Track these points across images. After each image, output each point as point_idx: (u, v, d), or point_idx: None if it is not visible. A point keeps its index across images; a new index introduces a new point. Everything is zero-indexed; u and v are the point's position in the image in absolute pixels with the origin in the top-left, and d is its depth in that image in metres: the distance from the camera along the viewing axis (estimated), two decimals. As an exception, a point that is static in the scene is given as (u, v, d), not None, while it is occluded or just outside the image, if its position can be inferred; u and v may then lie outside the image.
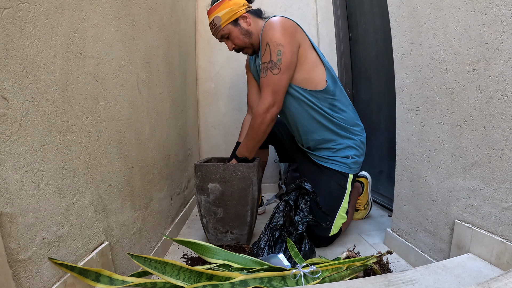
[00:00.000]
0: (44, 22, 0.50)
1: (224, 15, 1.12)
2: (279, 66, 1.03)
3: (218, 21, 1.12)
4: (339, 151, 1.16)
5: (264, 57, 1.05)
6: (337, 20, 1.89)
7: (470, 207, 0.72)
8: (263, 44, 1.05)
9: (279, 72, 1.03)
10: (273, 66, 1.03)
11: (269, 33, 1.03)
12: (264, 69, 1.05)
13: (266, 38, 1.04)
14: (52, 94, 0.52)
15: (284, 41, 1.03)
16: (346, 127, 1.15)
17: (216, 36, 1.18)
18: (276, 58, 1.03)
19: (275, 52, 1.02)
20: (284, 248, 0.94)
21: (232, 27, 1.13)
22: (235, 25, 1.13)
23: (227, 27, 1.13)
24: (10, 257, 0.43)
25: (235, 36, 1.14)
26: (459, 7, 0.70)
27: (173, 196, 1.24)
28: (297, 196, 1.05)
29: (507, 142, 0.61)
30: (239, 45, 1.16)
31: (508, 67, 0.59)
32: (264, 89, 1.06)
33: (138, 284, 0.59)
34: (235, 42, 1.15)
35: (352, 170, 1.16)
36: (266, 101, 1.05)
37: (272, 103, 1.05)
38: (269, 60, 1.04)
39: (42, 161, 0.49)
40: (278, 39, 1.02)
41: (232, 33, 1.14)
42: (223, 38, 1.16)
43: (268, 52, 1.04)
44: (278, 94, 1.06)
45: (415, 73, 0.89)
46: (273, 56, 1.03)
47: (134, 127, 0.85)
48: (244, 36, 1.14)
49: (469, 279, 0.60)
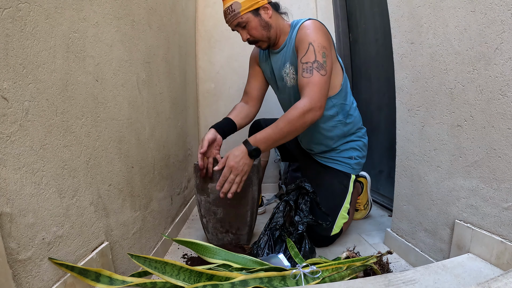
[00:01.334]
0: (44, 22, 0.50)
1: (245, 2, 1.02)
2: (325, 67, 0.97)
3: (238, 7, 1.01)
4: (343, 152, 1.17)
5: (307, 56, 0.97)
6: (337, 20, 1.88)
7: (470, 207, 0.72)
8: (304, 44, 0.99)
9: (326, 74, 0.97)
10: (320, 67, 0.96)
11: (312, 34, 0.99)
12: (307, 69, 0.97)
13: (308, 39, 0.98)
14: (52, 94, 0.52)
15: (328, 45, 0.99)
16: (351, 130, 1.17)
17: (231, 24, 1.07)
18: (322, 60, 0.97)
19: (320, 54, 0.97)
20: (284, 248, 0.94)
21: (252, 16, 1.04)
22: (255, 14, 1.04)
23: (247, 15, 1.03)
24: (10, 257, 0.43)
25: (254, 26, 1.05)
26: (459, 7, 0.70)
27: (173, 196, 1.24)
28: (297, 196, 1.05)
29: (507, 142, 0.61)
30: (256, 37, 1.07)
31: (508, 67, 0.59)
32: (313, 89, 0.94)
33: (138, 284, 0.59)
34: (252, 32, 1.06)
35: (354, 171, 1.17)
36: (314, 101, 0.93)
37: (320, 105, 0.94)
38: (314, 60, 0.96)
39: (42, 161, 0.49)
40: (323, 41, 0.98)
41: (250, 23, 1.04)
42: (239, 26, 1.06)
43: (312, 52, 0.97)
44: (324, 98, 0.96)
45: (415, 73, 0.89)
46: (318, 56, 0.97)
47: (134, 127, 0.85)
48: (263, 28, 1.06)
49: (469, 279, 0.60)
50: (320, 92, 0.95)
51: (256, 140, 0.95)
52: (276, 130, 0.94)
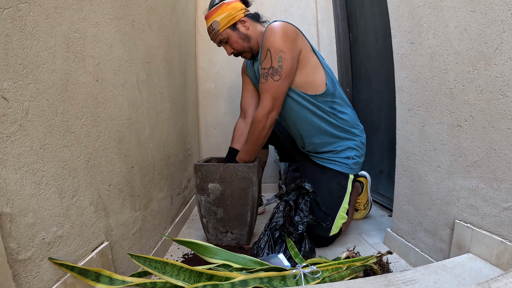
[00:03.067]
0: (44, 22, 0.50)
1: (222, 20, 1.11)
2: (280, 72, 1.03)
3: (216, 26, 1.12)
4: (340, 152, 1.17)
5: (265, 62, 1.05)
6: (337, 20, 1.89)
7: (470, 207, 0.72)
8: (264, 50, 1.05)
9: (280, 78, 1.04)
10: (274, 73, 1.03)
11: (270, 39, 1.03)
12: (264, 75, 1.05)
13: (267, 44, 1.04)
14: (52, 94, 0.52)
15: (285, 48, 1.03)
16: (346, 129, 1.16)
17: (215, 41, 1.18)
18: (277, 65, 1.03)
19: (276, 59, 1.03)
20: (284, 248, 0.94)
21: (231, 31, 1.13)
22: (233, 29, 1.13)
23: (226, 31, 1.13)
24: (10, 257, 0.43)
25: (234, 40, 1.14)
26: (459, 7, 0.70)
27: (173, 196, 1.24)
28: (297, 196, 1.05)
29: (507, 142, 0.61)
30: (238, 50, 1.16)
31: (508, 67, 0.59)
32: (264, 95, 1.06)
33: (138, 284, 0.59)
34: (233, 46, 1.15)
35: (353, 171, 1.17)
36: (266, 106, 1.06)
37: (271, 108, 1.06)
38: (269, 66, 1.04)
39: (42, 161, 0.49)
40: (280, 45, 1.02)
41: (230, 38, 1.14)
42: (222, 42, 1.16)
43: (269, 58, 1.04)
44: (278, 100, 1.07)
45: (415, 73, 0.89)
46: (274, 62, 1.03)
47: (134, 127, 0.85)
48: (242, 40, 1.14)
49: (469, 279, 0.60)
50: (272, 95, 1.06)
51: (240, 158, 1.15)
52: (249, 144, 1.12)
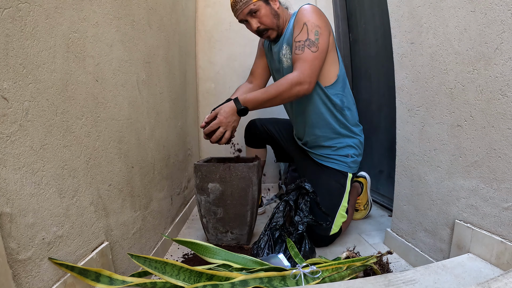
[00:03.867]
0: (44, 22, 0.50)
1: None
2: (317, 44, 1.00)
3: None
4: (339, 150, 1.17)
5: (301, 35, 1.02)
6: (337, 20, 1.89)
7: (470, 207, 0.72)
8: (299, 24, 1.03)
9: (317, 50, 1.00)
10: (311, 44, 1.00)
11: (308, 15, 1.03)
12: (300, 47, 1.01)
13: (304, 19, 1.03)
14: (52, 94, 0.52)
15: (321, 24, 1.03)
16: (348, 126, 1.16)
17: (242, 12, 1.09)
18: (314, 37, 1.01)
19: (313, 32, 1.01)
20: (284, 248, 0.94)
21: (263, 4, 1.08)
22: (266, 3, 1.09)
23: (258, 3, 1.07)
24: (10, 257, 0.43)
25: (265, 13, 1.08)
26: (459, 7, 0.70)
27: (173, 196, 1.24)
28: (297, 196, 1.05)
29: (507, 142, 0.61)
30: (267, 25, 1.10)
31: (508, 67, 0.59)
32: (303, 64, 0.99)
33: (138, 284, 0.59)
34: (263, 20, 1.09)
35: (351, 169, 1.17)
36: (303, 75, 0.98)
37: (308, 79, 0.99)
38: (306, 38, 1.01)
39: (42, 161, 0.49)
40: (317, 21, 1.02)
41: (261, 10, 1.08)
42: (249, 14, 1.08)
43: (305, 31, 1.01)
44: (314, 74, 1.01)
45: (415, 73, 0.89)
46: (311, 35, 1.01)
47: (134, 127, 0.85)
48: (273, 16, 1.10)
49: (469, 279, 0.60)
50: (310, 68, 0.99)
51: (245, 99, 1.02)
52: (264, 92, 1.02)
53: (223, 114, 1.01)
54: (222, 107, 1.02)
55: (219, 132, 1.01)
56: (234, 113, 1.02)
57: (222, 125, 1.01)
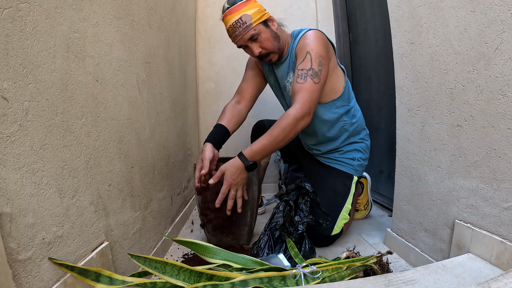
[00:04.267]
0: (44, 22, 0.50)
1: (254, 14, 1.01)
2: (320, 76, 0.99)
3: (248, 19, 1.00)
4: (347, 153, 1.19)
5: (304, 64, 1.00)
6: (337, 20, 1.88)
7: (470, 207, 0.72)
8: (303, 52, 1.01)
9: (319, 82, 0.99)
10: (314, 75, 0.98)
11: (311, 43, 1.01)
12: (303, 75, 0.99)
13: (307, 48, 1.01)
14: (52, 94, 0.52)
15: (324, 54, 1.01)
16: (355, 132, 1.20)
17: (242, 38, 1.03)
18: (317, 68, 0.99)
19: (317, 62, 0.99)
20: (284, 248, 0.94)
21: (263, 27, 1.03)
22: (266, 26, 1.04)
23: (259, 26, 1.02)
24: (10, 257, 0.43)
25: (266, 37, 1.03)
26: (459, 7, 0.70)
27: (173, 196, 1.24)
28: (297, 196, 1.05)
29: (507, 142, 0.61)
30: (269, 49, 1.05)
31: (508, 67, 0.59)
32: (304, 96, 0.97)
33: (138, 284, 0.59)
34: (264, 44, 1.04)
35: (357, 172, 1.19)
36: (305, 107, 0.95)
37: (308, 111, 0.97)
38: (309, 67, 0.99)
39: (42, 161, 0.49)
40: (320, 51, 1.01)
41: (262, 34, 1.03)
42: (251, 40, 1.03)
43: (309, 60, 1.00)
44: (314, 105, 0.99)
45: (415, 73, 0.89)
46: (314, 64, 0.99)
47: (134, 127, 0.85)
48: (274, 39, 1.05)
49: (469, 279, 0.60)
50: (311, 98, 0.97)
51: (252, 152, 0.96)
52: (271, 139, 0.96)
53: (230, 176, 0.95)
54: (227, 167, 0.95)
55: (231, 195, 0.97)
56: (242, 171, 0.96)
57: (232, 187, 0.96)
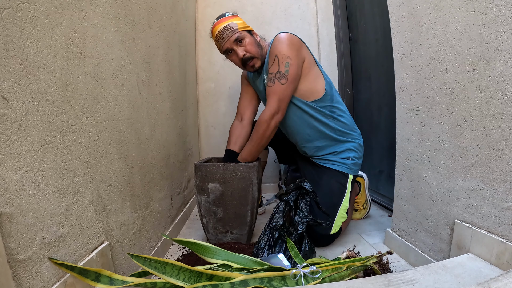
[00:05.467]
0: (44, 22, 0.50)
1: (240, 23, 1.15)
2: (287, 76, 1.08)
3: (235, 25, 1.13)
4: (340, 153, 1.21)
5: (272, 68, 1.10)
6: (337, 20, 1.88)
7: (470, 207, 0.72)
8: (272, 57, 1.11)
9: (286, 82, 1.08)
10: (281, 76, 1.08)
11: (278, 46, 1.09)
12: (271, 79, 1.10)
13: (275, 51, 1.09)
14: (52, 94, 0.52)
15: (292, 55, 1.09)
16: (346, 132, 1.22)
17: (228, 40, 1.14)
18: (284, 69, 1.08)
19: (283, 64, 1.08)
20: (284, 248, 0.94)
21: (248, 34, 1.16)
22: (250, 34, 1.17)
23: (244, 32, 1.15)
24: (10, 257, 0.43)
25: (250, 42, 1.15)
26: (459, 7, 0.70)
27: (173, 196, 1.24)
28: (296, 196, 1.05)
29: (507, 142, 0.61)
30: (252, 53, 1.15)
31: (508, 67, 0.59)
32: (271, 97, 1.10)
33: (138, 284, 0.59)
34: (248, 48, 1.15)
35: (352, 171, 1.20)
36: (272, 108, 1.09)
37: (277, 110, 1.10)
38: (277, 70, 1.09)
39: (42, 161, 0.49)
40: (287, 52, 1.09)
41: (246, 39, 1.15)
42: (236, 42, 1.14)
43: (276, 63, 1.09)
44: (283, 102, 1.11)
45: (415, 73, 0.89)
46: (281, 67, 1.08)
47: (134, 127, 0.85)
48: (257, 46, 1.16)
49: (469, 279, 0.60)
50: (278, 98, 1.09)
51: (243, 157, 1.16)
52: (253, 144, 1.14)
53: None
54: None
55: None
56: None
57: None
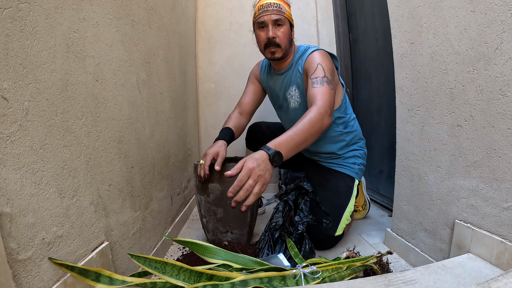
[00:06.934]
0: (44, 22, 0.50)
1: (289, 12, 1.13)
2: (333, 84, 1.05)
3: (284, 9, 1.10)
4: (348, 158, 1.24)
5: (317, 72, 1.05)
6: (337, 20, 1.88)
7: (470, 207, 0.72)
8: (313, 65, 1.07)
9: (333, 89, 1.04)
10: (329, 82, 1.02)
11: (320, 58, 1.08)
12: (318, 81, 1.02)
13: (317, 61, 1.07)
14: (52, 94, 0.52)
15: (333, 71, 1.09)
16: (353, 141, 1.25)
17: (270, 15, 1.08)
18: (330, 77, 1.04)
19: (329, 72, 1.05)
20: (284, 248, 0.94)
21: (288, 25, 1.13)
22: (290, 26, 1.14)
23: (287, 20, 1.12)
24: (10, 257, 0.43)
25: (285, 32, 1.11)
26: (459, 7, 0.70)
27: (173, 196, 1.24)
28: (296, 196, 1.05)
29: (507, 142, 0.61)
30: (281, 42, 1.11)
31: (508, 67, 0.59)
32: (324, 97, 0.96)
33: (138, 284, 0.59)
34: (281, 35, 1.11)
35: (357, 176, 1.22)
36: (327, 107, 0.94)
37: (330, 112, 0.96)
38: (323, 75, 1.03)
39: (42, 161, 0.49)
40: (330, 65, 1.08)
41: (284, 26, 1.11)
42: (274, 22, 1.09)
43: (321, 69, 1.05)
44: (332, 108, 1.00)
45: (415, 73, 0.89)
46: (327, 74, 1.04)
47: (134, 127, 0.85)
48: (288, 40, 1.13)
49: (469, 279, 0.60)
50: (329, 101, 0.97)
51: (276, 144, 0.81)
52: (297, 132, 0.84)
53: (252, 162, 0.76)
54: (248, 158, 0.78)
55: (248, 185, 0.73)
56: (265, 161, 0.77)
57: (253, 175, 0.74)
